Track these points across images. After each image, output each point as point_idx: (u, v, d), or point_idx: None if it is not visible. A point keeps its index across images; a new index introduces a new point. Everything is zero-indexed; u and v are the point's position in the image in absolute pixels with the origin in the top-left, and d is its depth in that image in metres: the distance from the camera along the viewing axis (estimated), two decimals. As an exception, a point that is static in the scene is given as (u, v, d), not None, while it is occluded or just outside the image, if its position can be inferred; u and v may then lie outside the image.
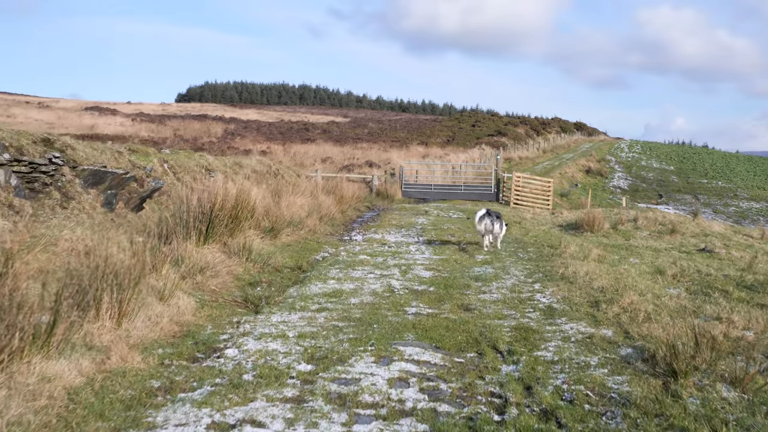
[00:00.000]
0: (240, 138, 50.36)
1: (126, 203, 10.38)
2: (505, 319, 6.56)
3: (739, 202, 44.99)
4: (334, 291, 7.55)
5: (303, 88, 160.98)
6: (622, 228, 20.04)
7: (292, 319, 6.28)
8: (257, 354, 5.20)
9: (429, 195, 29.69)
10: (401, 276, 8.68)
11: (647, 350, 5.49)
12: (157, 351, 5.24)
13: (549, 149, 62.80)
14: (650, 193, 46.31)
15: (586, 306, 7.15)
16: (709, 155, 72.52)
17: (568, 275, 8.77)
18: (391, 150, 46.03)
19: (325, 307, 6.76)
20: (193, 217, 9.13)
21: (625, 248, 16.51)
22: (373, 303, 7.05)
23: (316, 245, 11.74)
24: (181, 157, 14.32)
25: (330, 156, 41.58)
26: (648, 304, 7.16)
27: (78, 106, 74.17)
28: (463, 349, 5.57)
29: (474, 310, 6.96)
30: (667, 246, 17.22)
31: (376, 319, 6.34)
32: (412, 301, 7.26)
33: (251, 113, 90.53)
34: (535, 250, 11.90)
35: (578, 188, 41.04)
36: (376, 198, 26.94)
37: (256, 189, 17.38)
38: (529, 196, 28.05)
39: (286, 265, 9.37)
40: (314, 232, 13.58)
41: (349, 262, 9.67)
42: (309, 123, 73.26)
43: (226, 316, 6.42)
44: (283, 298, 7.16)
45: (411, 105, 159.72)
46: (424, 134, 60.97)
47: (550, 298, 7.51)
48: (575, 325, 6.35)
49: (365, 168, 35.70)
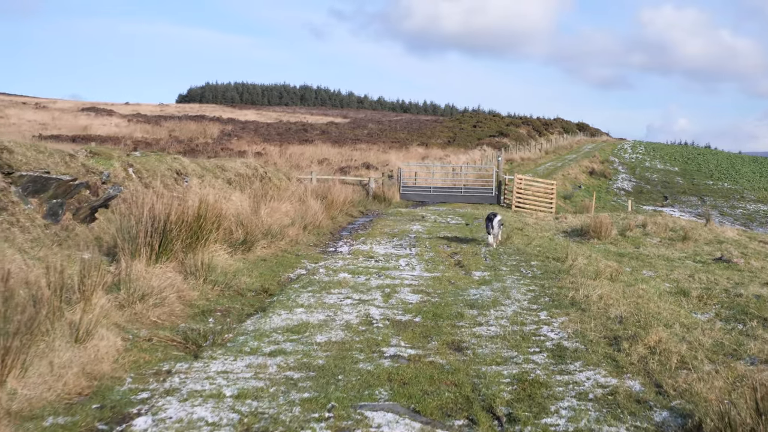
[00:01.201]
0: (237, 139, 49.27)
1: (75, 214, 9.14)
2: (506, 365, 5.28)
3: (746, 204, 43.65)
4: (299, 324, 6.25)
5: (304, 89, 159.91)
6: (630, 234, 18.74)
7: (236, 367, 4.99)
8: (176, 427, 3.92)
9: (428, 198, 28.47)
10: (383, 301, 7.39)
11: (689, 415, 4.21)
12: (46, 421, 3.97)
13: (551, 150, 61.56)
14: (655, 194, 45.01)
15: (604, 344, 5.86)
16: (713, 156, 71.25)
17: (579, 300, 7.47)
18: (390, 151, 44.78)
19: (281, 349, 5.47)
20: (144, 231, 7.86)
21: (636, 257, 15.21)
22: (344, 342, 5.76)
23: (293, 260, 10.45)
24: (151, 160, 13.06)
25: (327, 157, 40.33)
26: (678, 341, 5.87)
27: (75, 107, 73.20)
28: (450, 413, 4.29)
29: (467, 349, 5.67)
30: (680, 255, 15.92)
31: (342, 368, 5.05)
32: (392, 337, 5.97)
33: (250, 114, 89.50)
34: (539, 265, 10.60)
35: (581, 190, 39.80)
36: (373, 201, 25.64)
37: (238, 194, 16.16)
38: (532, 198, 26.75)
39: (252, 287, 8.08)
40: (296, 242, 12.30)
41: (325, 283, 8.37)
42: (308, 124, 72.17)
43: (155, 362, 5.14)
44: (234, 335, 5.87)
45: (412, 105, 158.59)
46: (425, 135, 59.71)
47: (559, 333, 6.22)
48: (593, 374, 5.07)
49: (362, 170, 34.42)
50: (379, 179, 28.60)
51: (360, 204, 22.90)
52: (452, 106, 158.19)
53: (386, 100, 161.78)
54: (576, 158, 55.35)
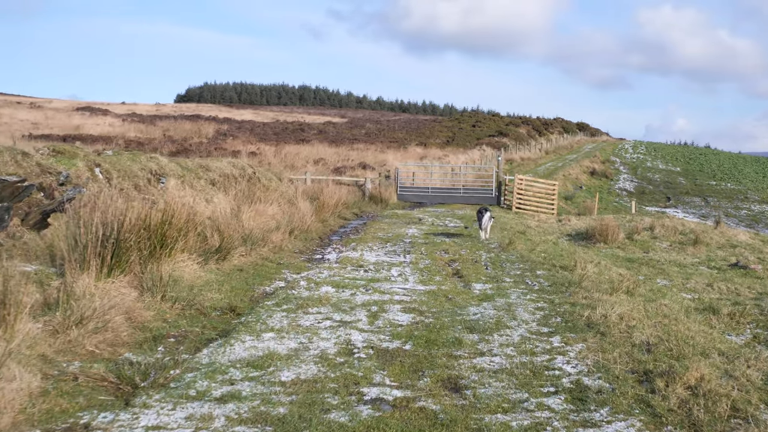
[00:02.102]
0: (232, 138, 48.38)
1: (24, 220, 8.10)
2: (514, 412, 4.23)
3: (751, 205, 42.64)
4: (264, 356, 5.19)
5: (303, 89, 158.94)
6: (638, 238, 17.70)
7: (172, 420, 3.93)
8: None
9: (426, 199, 27.46)
10: (369, 323, 6.32)
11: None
12: None
13: (551, 150, 60.58)
14: (657, 195, 44.02)
15: (633, 382, 4.81)
16: (715, 156, 70.29)
17: (597, 321, 6.42)
18: (387, 151, 43.76)
19: (236, 392, 4.40)
20: (94, 240, 6.80)
21: (646, 263, 14.16)
22: (315, 380, 4.70)
23: (273, 269, 9.39)
24: (123, 159, 12.00)
25: (323, 157, 39.28)
26: (723, 377, 4.83)
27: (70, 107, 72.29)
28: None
29: (466, 389, 4.62)
30: (692, 260, 14.88)
31: (309, 420, 3.99)
32: (376, 372, 4.91)
33: (247, 114, 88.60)
34: (546, 275, 9.55)
35: (583, 191, 38.82)
36: (369, 203, 24.60)
37: (221, 196, 15.11)
38: (533, 200, 25.73)
39: (218, 304, 7.02)
40: (280, 249, 11.25)
41: (304, 299, 7.30)
42: (305, 123, 71.26)
43: (74, 411, 4.07)
44: (182, 371, 4.80)
45: (411, 106, 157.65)
46: (423, 135, 58.67)
47: (577, 365, 5.17)
48: (625, 427, 4.02)
49: (358, 170, 33.37)
50: (375, 180, 27.55)
51: (355, 205, 21.84)
52: (451, 106, 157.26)
53: (385, 100, 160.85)
54: (576, 158, 54.32)
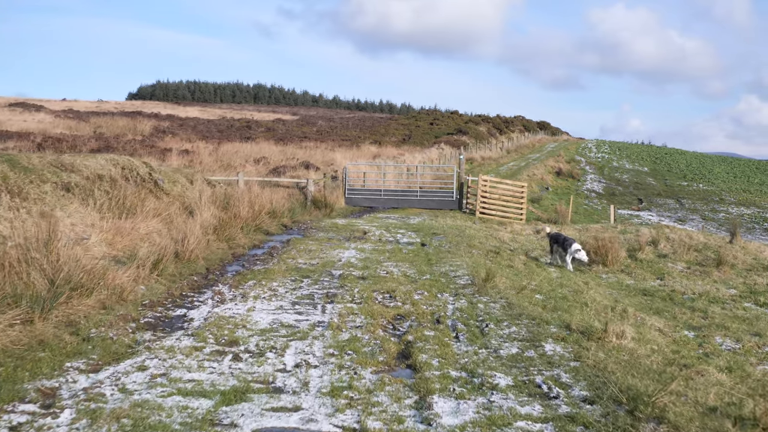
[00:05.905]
0: (171, 136, 43.61)
1: None
2: None
3: (728, 207, 39.81)
4: None
5: (257, 88, 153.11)
6: (642, 257, 13.80)
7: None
8: None
9: (378, 202, 23.37)
10: None
11: None
12: None
13: (513, 149, 57.22)
14: (628, 197, 40.86)
15: None
16: (682, 156, 68.19)
17: None
18: (338, 150, 39.48)
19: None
20: None
21: (671, 299, 9.99)
22: None
23: (47, 362, 5.04)
24: None
25: (266, 156, 34.69)
26: None
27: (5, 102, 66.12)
28: None
29: None
30: (727, 290, 10.89)
31: None
32: None
33: (193, 111, 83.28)
34: (564, 354, 5.44)
35: (549, 192, 35.33)
36: (310, 208, 20.25)
37: (75, 207, 10.69)
38: (498, 203, 21.83)
39: None
40: (120, 298, 6.90)
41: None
42: (253, 121, 66.55)
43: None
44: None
45: (368, 105, 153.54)
46: (378, 133, 54.58)
47: None
48: None
49: (300, 170, 28.98)
50: (319, 181, 23.27)
51: (287, 214, 17.42)
52: (408, 105, 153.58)
53: (341, 100, 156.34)
54: (540, 157, 50.99)
